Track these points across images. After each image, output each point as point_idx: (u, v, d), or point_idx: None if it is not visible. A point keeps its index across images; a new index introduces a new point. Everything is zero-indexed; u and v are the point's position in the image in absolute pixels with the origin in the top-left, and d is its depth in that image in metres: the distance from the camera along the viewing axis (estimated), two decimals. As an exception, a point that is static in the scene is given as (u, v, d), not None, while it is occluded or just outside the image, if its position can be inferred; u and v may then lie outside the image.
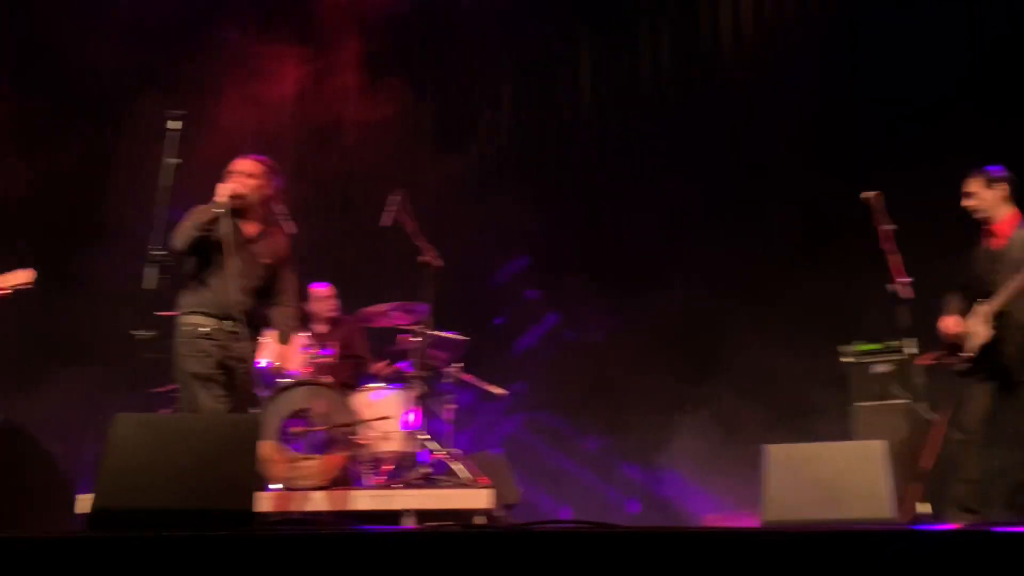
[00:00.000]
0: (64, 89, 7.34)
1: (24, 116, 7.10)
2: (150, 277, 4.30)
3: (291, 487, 5.30)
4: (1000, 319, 4.59)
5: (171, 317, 4.77)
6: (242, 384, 4.68)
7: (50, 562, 2.62)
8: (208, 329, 4.58)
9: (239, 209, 4.68)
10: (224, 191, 4.59)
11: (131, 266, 4.77)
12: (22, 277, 4.83)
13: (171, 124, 4.39)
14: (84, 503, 3.67)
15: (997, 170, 4.80)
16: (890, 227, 4.95)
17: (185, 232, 4.56)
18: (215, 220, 4.53)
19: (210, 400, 4.52)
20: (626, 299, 7.31)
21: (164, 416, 4.30)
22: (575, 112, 8.11)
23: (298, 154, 7.97)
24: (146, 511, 3.13)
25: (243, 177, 4.71)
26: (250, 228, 4.77)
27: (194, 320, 4.61)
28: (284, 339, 4.83)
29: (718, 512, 6.04)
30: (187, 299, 4.67)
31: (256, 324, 4.74)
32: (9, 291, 4.82)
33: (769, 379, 6.58)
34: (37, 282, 4.88)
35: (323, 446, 5.53)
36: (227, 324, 4.59)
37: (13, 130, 7.03)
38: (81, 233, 6.96)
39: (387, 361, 6.56)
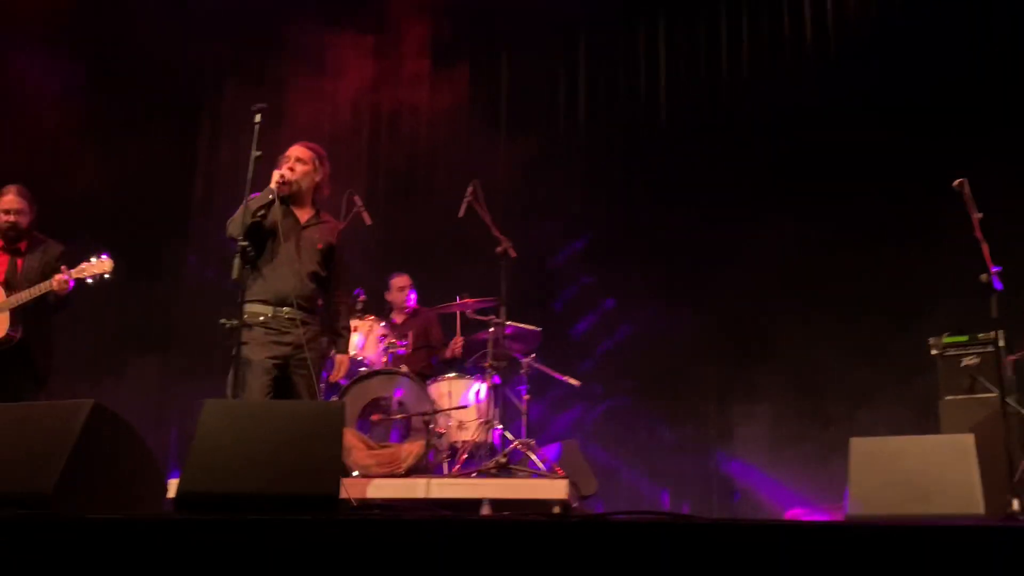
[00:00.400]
0: (147, 83, 7.54)
1: (108, 110, 7.32)
2: (236, 267, 4.40)
3: (370, 474, 5.38)
4: None
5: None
6: (300, 372, 4.69)
7: (139, 543, 2.70)
8: (264, 317, 4.64)
9: (291, 196, 4.78)
10: (274, 177, 4.69)
11: (213, 257, 4.90)
12: (104, 266, 4.98)
13: (257, 117, 4.48)
14: (175, 487, 3.76)
15: None
16: (978, 215, 4.80)
17: (239, 219, 4.66)
18: (267, 206, 4.63)
19: (257, 388, 4.56)
20: (693, 287, 7.25)
21: (251, 402, 4.38)
22: (645, 98, 7.99)
23: (372, 145, 8.08)
24: (232, 495, 3.19)
25: (293, 163, 4.80)
26: (303, 214, 4.85)
27: (252, 308, 4.66)
28: (343, 320, 4.90)
29: (797, 506, 5.94)
30: (247, 288, 4.72)
31: (315, 309, 4.80)
32: (92, 279, 4.97)
33: (844, 369, 6.46)
34: (123, 271, 5.04)
35: (400, 434, 5.60)
36: (283, 311, 4.65)
37: (98, 123, 7.25)
38: (165, 224, 7.14)
39: (462, 351, 6.60)
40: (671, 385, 7.24)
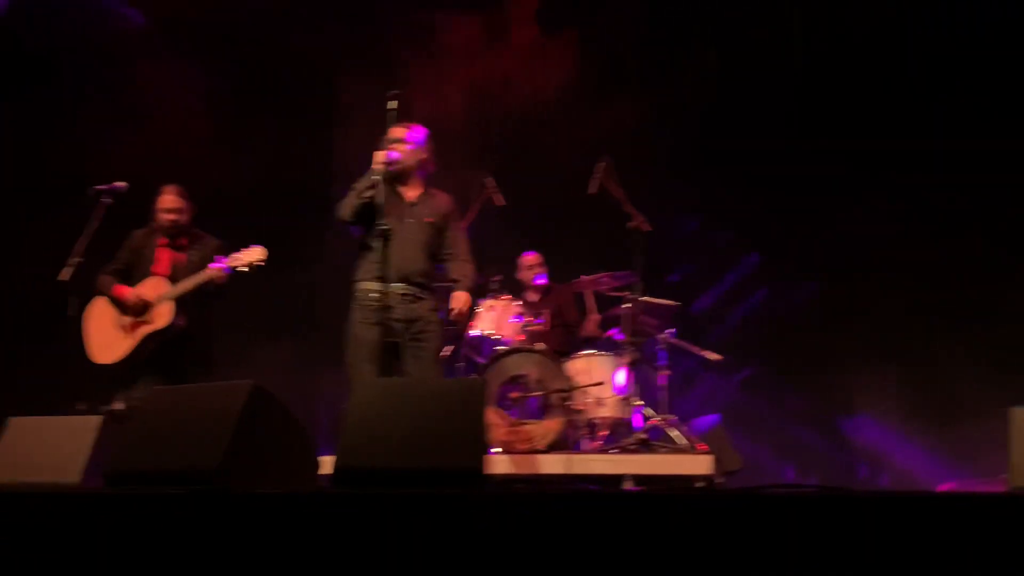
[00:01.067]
0: (275, 74, 7.76)
1: (242, 105, 7.60)
2: (376, 248, 4.53)
3: (511, 451, 5.46)
4: None
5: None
6: (414, 348, 4.76)
7: (300, 517, 2.83)
8: (377, 295, 4.69)
9: (398, 175, 4.88)
10: (379, 157, 4.76)
11: (353, 242, 5.03)
12: (256, 254, 5.22)
13: (390, 104, 4.58)
14: (327, 465, 3.91)
15: None
16: None
17: (347, 201, 4.81)
18: (373, 186, 4.71)
19: (366, 367, 4.66)
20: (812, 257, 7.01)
21: (399, 380, 4.52)
22: (776, 70, 7.64)
23: (492, 124, 8.11)
24: (384, 470, 3.29)
25: (397, 143, 4.88)
26: (410, 192, 4.94)
27: (364, 287, 4.78)
28: (465, 289, 4.94)
29: (953, 479, 5.71)
30: (359, 267, 4.87)
31: (427, 285, 4.88)
32: (247, 267, 5.21)
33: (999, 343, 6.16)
34: (270, 261, 5.25)
35: (540, 411, 5.65)
36: (396, 287, 4.71)
37: (238, 114, 7.53)
38: (308, 211, 7.38)
39: (599, 327, 6.60)
40: (797, 357, 7.06)
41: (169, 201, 5.58)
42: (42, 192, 6.89)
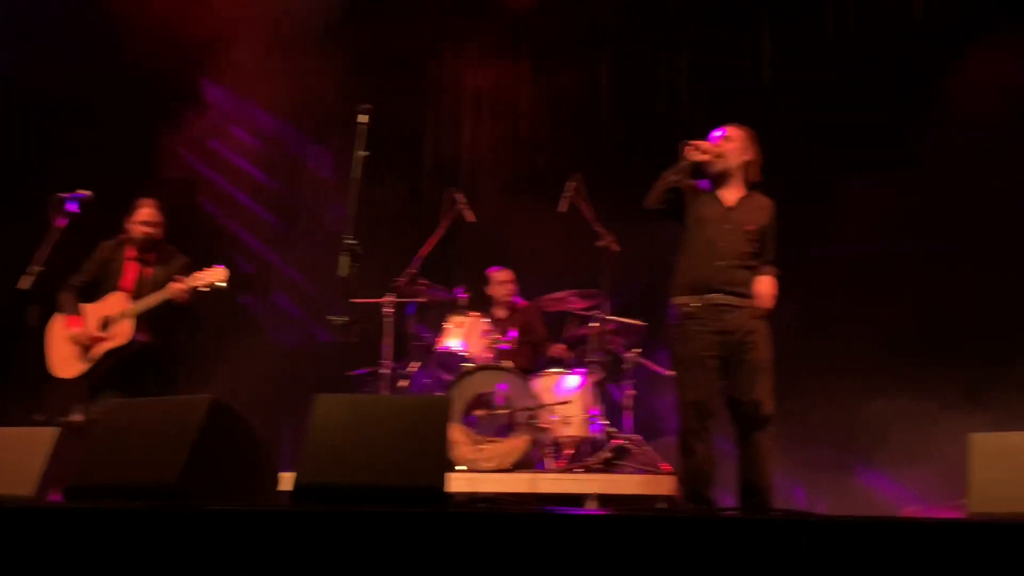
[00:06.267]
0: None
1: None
2: (343, 265, 4.50)
3: (476, 469, 5.44)
4: None
5: (364, 304, 4.93)
6: (746, 361, 4.37)
7: (256, 534, 2.80)
8: (692, 307, 4.43)
9: (718, 176, 4.57)
10: (690, 148, 4.47)
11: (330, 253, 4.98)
12: (218, 275, 5.17)
13: (360, 118, 4.57)
14: (286, 481, 3.88)
15: None
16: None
17: (654, 190, 4.54)
18: (680, 171, 4.46)
19: (688, 383, 4.37)
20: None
21: (361, 396, 4.49)
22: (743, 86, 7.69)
23: (471, 140, 8.12)
24: (345, 487, 3.26)
25: (721, 140, 4.58)
26: (730, 197, 4.58)
27: (680, 300, 4.48)
28: (772, 276, 4.49)
29: (915, 503, 5.75)
30: (675, 281, 4.55)
31: (747, 293, 4.42)
32: (208, 287, 5.17)
33: (968, 359, 6.23)
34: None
35: (505, 429, 5.64)
36: (714, 298, 4.42)
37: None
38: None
39: (565, 346, 6.61)
40: (787, 379, 7.06)
41: (146, 215, 5.50)
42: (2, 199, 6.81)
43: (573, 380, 5.99)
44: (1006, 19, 6.65)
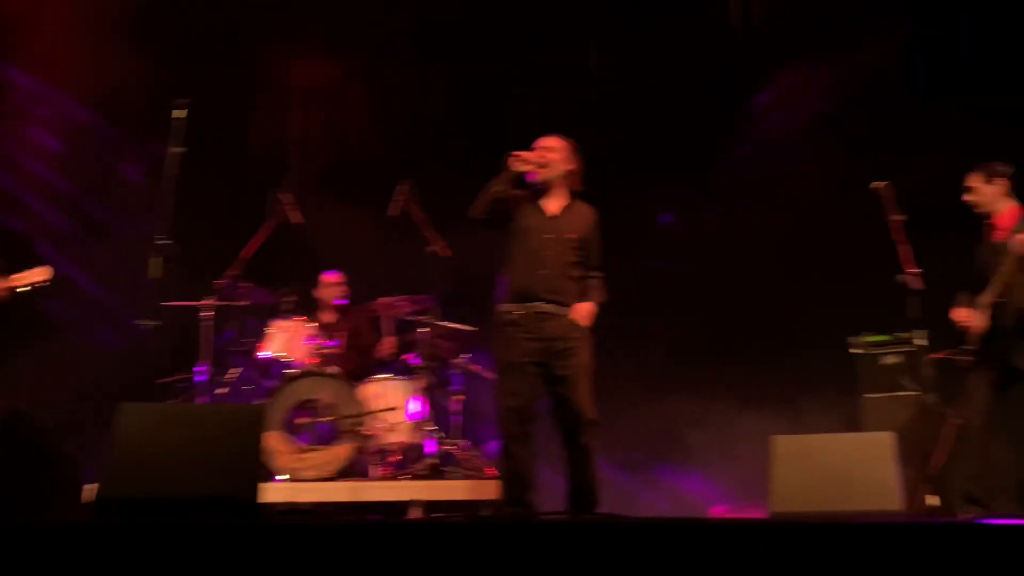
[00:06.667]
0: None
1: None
2: (155, 266, 4.29)
3: (297, 478, 5.31)
4: (996, 309, 4.57)
5: (178, 308, 4.74)
6: (568, 368, 4.41)
7: (54, 551, 2.63)
8: (513, 315, 4.46)
9: (540, 187, 4.61)
10: (514, 158, 4.50)
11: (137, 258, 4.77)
12: (40, 275, 4.87)
13: (176, 113, 4.37)
14: (90, 493, 3.67)
15: (997, 164, 4.78)
16: (900, 218, 4.92)
17: (479, 200, 4.53)
18: (507, 181, 4.47)
19: (508, 389, 4.40)
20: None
21: (169, 405, 4.31)
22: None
23: (301, 140, 7.95)
24: (151, 500, 3.13)
25: (542, 150, 4.61)
26: (552, 206, 4.63)
27: (504, 307, 4.51)
28: (594, 303, 4.59)
29: (724, 503, 6.01)
30: (502, 287, 4.57)
31: (568, 302, 4.50)
32: (29, 287, 4.85)
33: (775, 370, 6.56)
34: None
35: (329, 437, 5.53)
36: (533, 307, 4.45)
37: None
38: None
39: (394, 350, 6.55)
40: (606, 384, 7.23)
41: None
42: None
43: (401, 386, 5.94)
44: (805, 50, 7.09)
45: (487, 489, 5.34)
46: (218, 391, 5.84)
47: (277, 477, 5.28)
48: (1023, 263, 4.49)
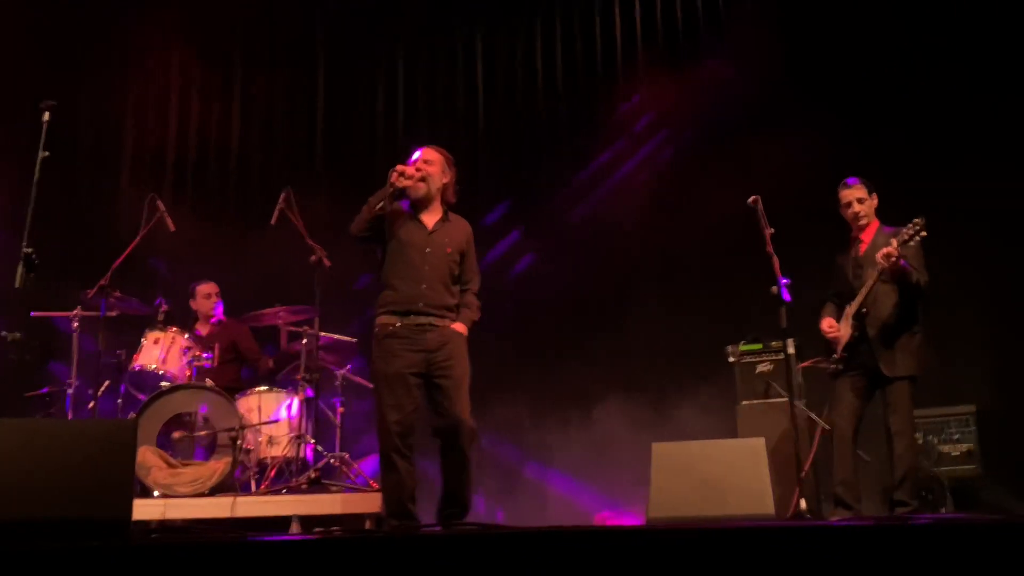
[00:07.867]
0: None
1: None
2: (20, 276, 4.08)
3: (172, 494, 5.14)
4: (860, 319, 4.80)
5: (43, 318, 4.53)
6: (448, 379, 4.43)
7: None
8: (395, 327, 4.44)
9: (418, 200, 4.61)
10: (394, 173, 4.48)
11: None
12: None
13: (45, 116, 4.18)
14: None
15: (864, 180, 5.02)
16: (770, 231, 5.09)
17: (360, 216, 4.50)
18: (387, 198, 4.44)
19: (391, 402, 4.36)
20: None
21: (33, 421, 4.10)
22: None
23: (180, 148, 7.73)
24: (14, 523, 2.98)
25: (420, 163, 4.63)
26: (430, 220, 4.65)
27: (382, 320, 4.49)
28: (466, 323, 4.62)
29: (608, 509, 6.11)
30: (379, 299, 4.56)
31: (445, 315, 4.54)
32: None
33: (658, 376, 6.72)
34: None
35: (205, 451, 5.38)
36: (414, 319, 4.44)
37: None
38: None
39: (273, 363, 6.42)
40: (480, 396, 7.29)
41: None
42: None
43: (281, 398, 5.82)
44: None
45: (369, 502, 5.27)
46: (88, 405, 5.62)
47: (154, 493, 5.10)
48: (886, 275, 4.72)
